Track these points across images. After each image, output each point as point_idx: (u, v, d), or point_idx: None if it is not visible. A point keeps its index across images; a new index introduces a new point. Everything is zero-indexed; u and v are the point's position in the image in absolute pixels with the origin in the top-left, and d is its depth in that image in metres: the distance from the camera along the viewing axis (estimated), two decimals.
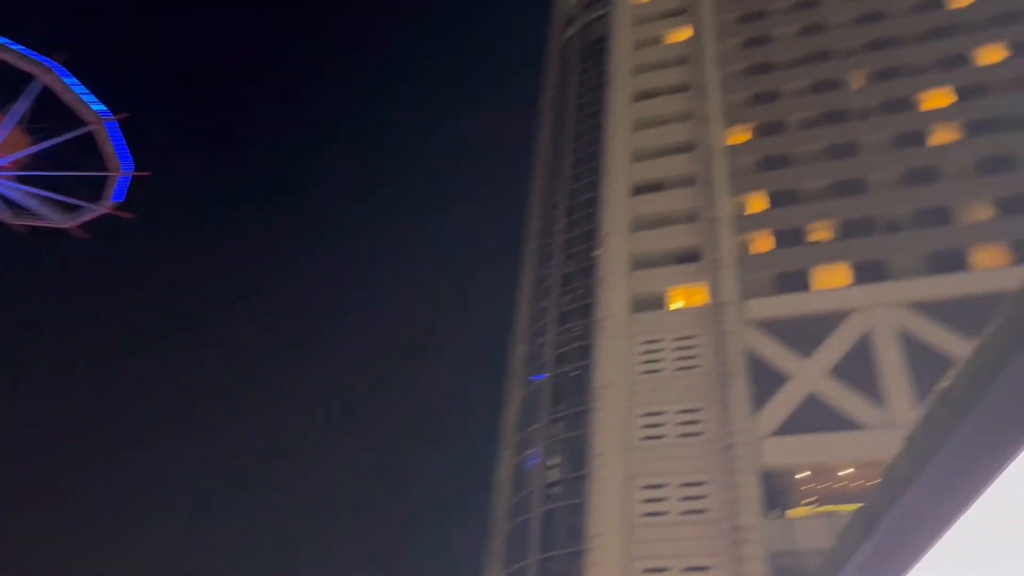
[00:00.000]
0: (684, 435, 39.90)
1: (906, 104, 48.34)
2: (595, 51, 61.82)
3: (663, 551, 36.94)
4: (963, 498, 10.61)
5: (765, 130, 51.15)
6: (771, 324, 42.22)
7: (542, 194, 57.59)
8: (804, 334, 41.08)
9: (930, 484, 11.55)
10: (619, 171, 51.66)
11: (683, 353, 42.71)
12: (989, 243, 40.55)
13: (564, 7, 70.42)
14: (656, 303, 46.02)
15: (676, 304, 46.07)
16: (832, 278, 43.17)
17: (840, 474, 39.35)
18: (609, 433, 40.43)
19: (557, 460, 43.89)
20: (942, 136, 46.18)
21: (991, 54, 48.57)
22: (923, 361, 37.76)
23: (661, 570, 36.81)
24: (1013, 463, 9.39)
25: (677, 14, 60.87)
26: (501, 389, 50.40)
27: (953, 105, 46.92)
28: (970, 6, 50.97)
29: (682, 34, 59.36)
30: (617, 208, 49.78)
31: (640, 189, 51.28)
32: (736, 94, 53.46)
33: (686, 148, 52.09)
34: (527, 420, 46.89)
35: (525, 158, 67.11)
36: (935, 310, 39.08)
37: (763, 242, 46.18)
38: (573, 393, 44.95)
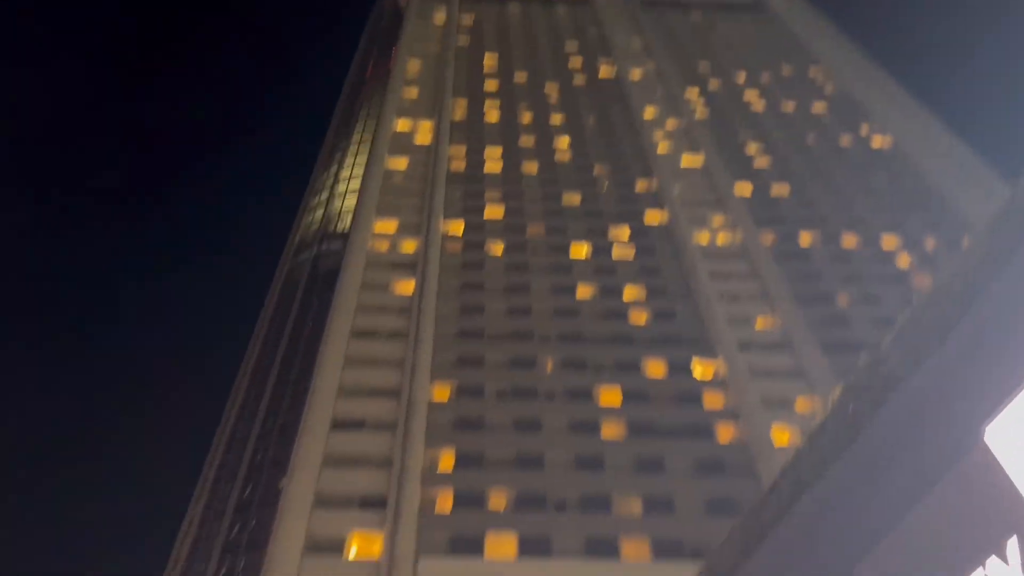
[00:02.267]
0: None
1: (586, 395, 54.70)
2: (323, 281, 63.82)
3: None
4: None
5: (465, 392, 54.70)
6: None
7: (237, 411, 55.55)
8: None
9: None
10: (322, 403, 51.76)
11: None
12: (636, 537, 45.40)
13: (303, 232, 72.83)
14: (333, 547, 44.71)
15: (352, 551, 45.14)
16: (502, 547, 45.21)
17: None
18: None
19: None
20: (611, 430, 52.42)
21: (655, 368, 57.33)
22: None
23: None
24: None
25: (407, 267, 65.47)
26: None
27: (622, 406, 53.94)
28: (643, 326, 60.57)
29: (408, 286, 63.53)
30: (313, 441, 49.24)
31: (340, 425, 51.48)
32: (446, 353, 57.25)
33: (392, 393, 53.87)
34: None
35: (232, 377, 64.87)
36: None
37: (445, 500, 47.70)
38: None
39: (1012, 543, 6.47)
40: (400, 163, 79.11)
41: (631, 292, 64.14)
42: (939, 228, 71.33)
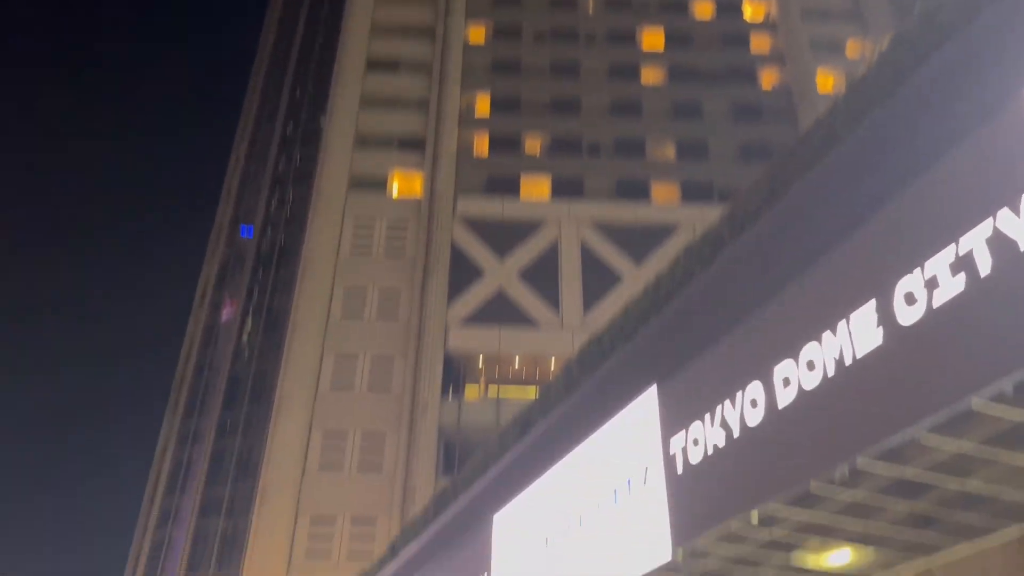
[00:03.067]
0: (381, 315, 42.18)
1: (628, 38, 52.66)
2: None
3: (346, 419, 39.48)
4: (592, 423, 13.53)
5: (501, 33, 52.89)
6: (476, 222, 45.26)
7: (271, 51, 54.72)
8: (503, 234, 44.72)
9: (571, 410, 14.47)
10: (356, 41, 50.66)
11: (393, 238, 44.46)
12: (667, 180, 46.71)
13: None
14: (375, 184, 46.90)
15: (394, 189, 47.38)
16: (536, 188, 47.06)
17: (513, 361, 44.33)
18: (308, 305, 41.45)
19: (252, 325, 44.16)
20: (650, 75, 51.29)
21: (703, 9, 54.24)
22: (595, 274, 43.25)
23: (343, 435, 39.41)
24: (629, 406, 12.31)
25: None
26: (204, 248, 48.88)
27: (664, 50, 52.04)
28: None
29: None
30: (350, 80, 49.11)
31: (375, 65, 50.87)
32: None
33: (427, 33, 52.31)
34: (226, 281, 46.21)
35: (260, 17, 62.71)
36: (613, 231, 44.55)
37: (481, 143, 48.67)
38: (277, 261, 45.00)
39: None
40: None
41: None
42: None
